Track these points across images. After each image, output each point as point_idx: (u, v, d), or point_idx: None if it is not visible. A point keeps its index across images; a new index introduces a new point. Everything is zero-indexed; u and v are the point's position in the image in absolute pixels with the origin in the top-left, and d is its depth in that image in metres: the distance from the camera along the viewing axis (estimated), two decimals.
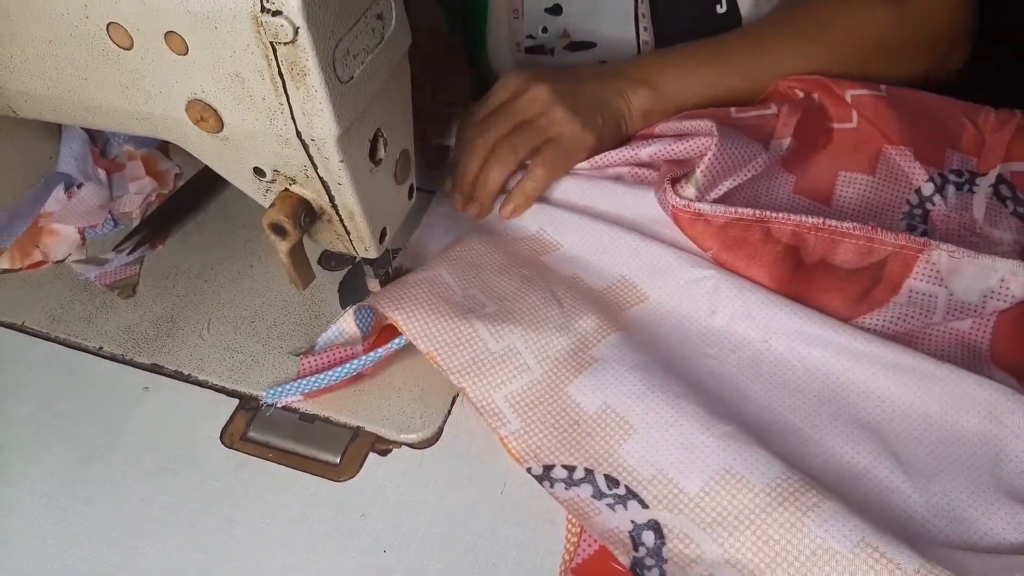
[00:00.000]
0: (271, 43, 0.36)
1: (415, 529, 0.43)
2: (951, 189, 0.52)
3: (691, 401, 0.43)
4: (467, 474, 0.45)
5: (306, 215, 0.43)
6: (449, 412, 0.48)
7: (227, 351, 0.52)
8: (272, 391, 0.48)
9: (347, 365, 0.48)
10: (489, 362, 0.46)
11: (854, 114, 0.55)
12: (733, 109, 0.55)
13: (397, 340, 0.48)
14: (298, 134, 0.39)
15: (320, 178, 0.42)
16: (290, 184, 0.43)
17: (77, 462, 0.47)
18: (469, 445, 0.47)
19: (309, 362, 0.50)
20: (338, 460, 0.46)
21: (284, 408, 0.48)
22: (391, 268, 0.51)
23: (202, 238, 0.60)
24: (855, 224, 0.47)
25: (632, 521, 0.40)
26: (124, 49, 0.40)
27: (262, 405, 0.48)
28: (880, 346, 0.45)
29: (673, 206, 0.50)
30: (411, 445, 0.47)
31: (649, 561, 0.39)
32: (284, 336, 0.52)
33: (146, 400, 0.50)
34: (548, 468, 0.43)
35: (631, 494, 0.41)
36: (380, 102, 0.42)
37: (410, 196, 0.49)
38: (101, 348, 0.53)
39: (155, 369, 0.51)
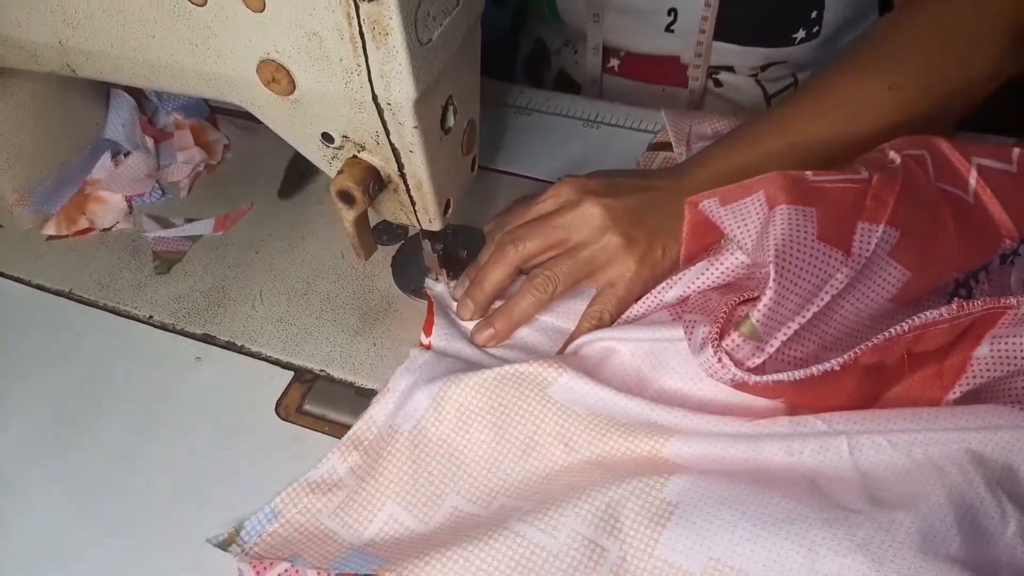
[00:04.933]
0: (354, 0, 0.35)
1: None
2: (995, 261, 0.45)
3: (803, 524, 0.36)
4: None
5: (374, 183, 0.42)
6: None
7: (280, 323, 0.51)
8: None
9: None
10: (561, 570, 0.37)
11: (971, 187, 0.44)
12: (809, 173, 0.43)
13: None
14: (374, 97, 0.38)
15: (391, 144, 0.40)
16: (358, 151, 0.42)
17: (131, 432, 0.46)
18: None
19: None
20: None
21: (340, 381, 0.47)
22: (448, 243, 0.50)
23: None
24: (940, 312, 0.39)
25: None
26: (197, 5, 0.39)
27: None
28: (972, 416, 0.38)
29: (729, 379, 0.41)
30: None
31: None
32: (337, 309, 0.51)
33: (199, 370, 0.49)
34: None
35: None
36: (453, 68, 0.41)
37: (473, 168, 0.48)
38: (151, 317, 0.52)
39: (207, 339, 0.50)
